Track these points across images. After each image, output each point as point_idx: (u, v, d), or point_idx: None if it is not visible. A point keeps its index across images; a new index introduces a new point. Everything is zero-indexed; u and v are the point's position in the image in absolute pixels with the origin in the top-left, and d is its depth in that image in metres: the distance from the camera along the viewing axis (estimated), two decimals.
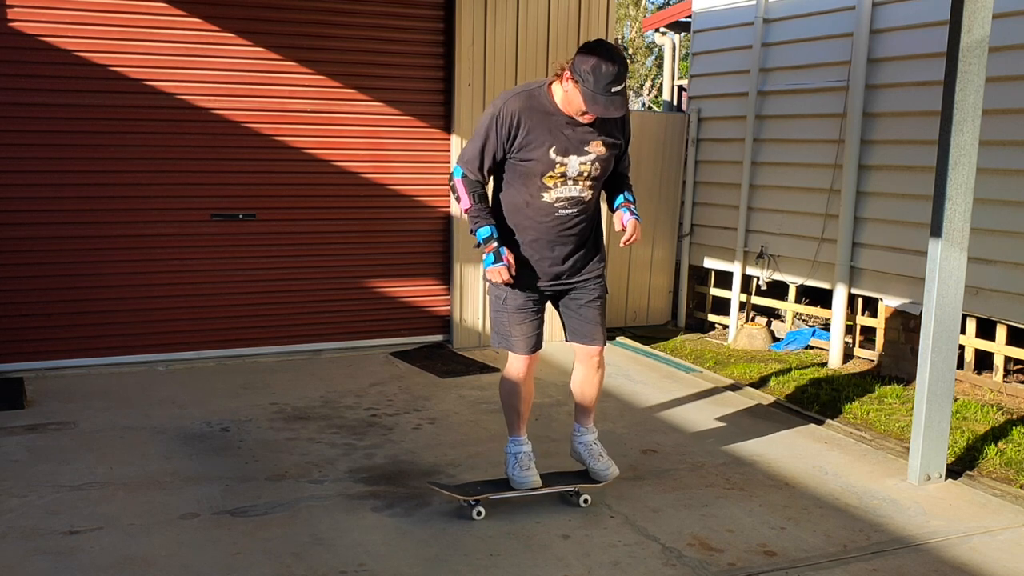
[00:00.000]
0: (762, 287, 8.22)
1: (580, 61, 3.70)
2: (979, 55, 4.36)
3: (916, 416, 4.64)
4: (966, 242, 4.50)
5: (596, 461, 4.27)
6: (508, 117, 3.85)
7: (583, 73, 3.67)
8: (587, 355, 4.25)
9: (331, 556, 3.69)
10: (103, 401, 5.62)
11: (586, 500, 4.24)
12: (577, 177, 3.94)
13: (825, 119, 7.44)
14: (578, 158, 3.91)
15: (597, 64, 3.64)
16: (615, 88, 3.68)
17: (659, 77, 22.97)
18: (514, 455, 4.18)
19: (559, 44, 7.25)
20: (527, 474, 4.14)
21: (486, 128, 3.91)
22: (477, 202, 3.96)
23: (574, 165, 3.91)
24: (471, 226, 3.99)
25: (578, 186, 3.96)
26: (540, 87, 3.92)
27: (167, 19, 6.18)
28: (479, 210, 3.96)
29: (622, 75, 3.69)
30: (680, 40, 13.28)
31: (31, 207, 6.02)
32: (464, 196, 3.97)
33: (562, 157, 3.89)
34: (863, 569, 3.72)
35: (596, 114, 3.77)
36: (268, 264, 6.69)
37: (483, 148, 3.92)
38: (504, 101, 3.89)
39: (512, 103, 3.87)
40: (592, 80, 3.66)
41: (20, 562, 3.56)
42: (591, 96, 3.69)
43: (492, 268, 3.91)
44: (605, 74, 3.65)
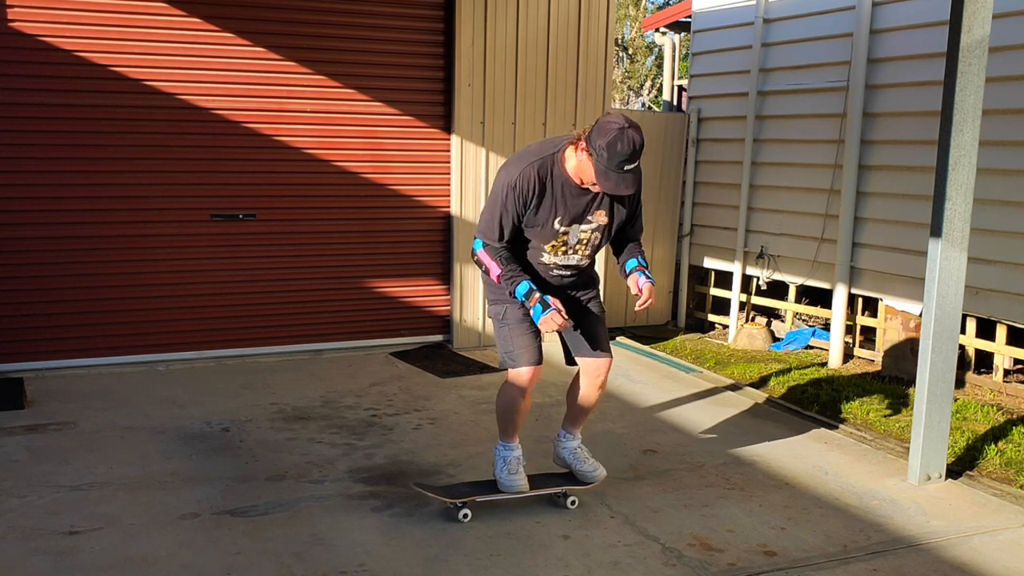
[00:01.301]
0: (762, 287, 8.22)
1: (597, 135, 3.62)
2: (979, 55, 4.36)
3: (916, 416, 4.64)
4: (966, 242, 4.50)
5: (583, 464, 4.27)
6: (524, 188, 3.78)
7: (598, 148, 3.60)
8: (593, 366, 4.17)
9: (331, 556, 3.69)
10: (103, 401, 5.62)
11: (573, 502, 4.23)
12: (576, 245, 3.95)
13: (825, 119, 7.44)
14: (580, 227, 3.91)
15: (613, 141, 3.56)
16: (628, 166, 3.61)
17: (659, 77, 22.97)
18: (503, 459, 4.16)
19: (559, 44, 7.25)
20: (515, 478, 4.13)
21: (503, 199, 3.81)
22: (505, 264, 3.85)
23: (575, 234, 3.92)
24: (507, 288, 3.87)
25: (577, 254, 3.98)
26: (554, 154, 3.83)
27: (166, 19, 6.18)
28: (510, 271, 3.85)
29: (637, 154, 3.62)
30: (680, 40, 13.28)
31: (31, 207, 6.02)
32: (491, 264, 3.87)
33: (565, 227, 3.88)
34: (863, 569, 3.72)
35: (607, 191, 3.71)
36: (268, 264, 6.69)
37: (501, 220, 3.83)
38: (520, 171, 3.79)
39: (528, 174, 3.78)
40: (606, 156, 3.58)
41: (20, 562, 3.56)
42: (603, 172, 3.62)
43: (544, 319, 3.77)
44: (620, 152, 3.57)
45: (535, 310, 3.78)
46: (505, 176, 3.83)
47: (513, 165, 3.85)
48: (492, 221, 3.85)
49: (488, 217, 3.88)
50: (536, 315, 3.79)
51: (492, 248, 3.88)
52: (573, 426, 4.33)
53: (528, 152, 3.89)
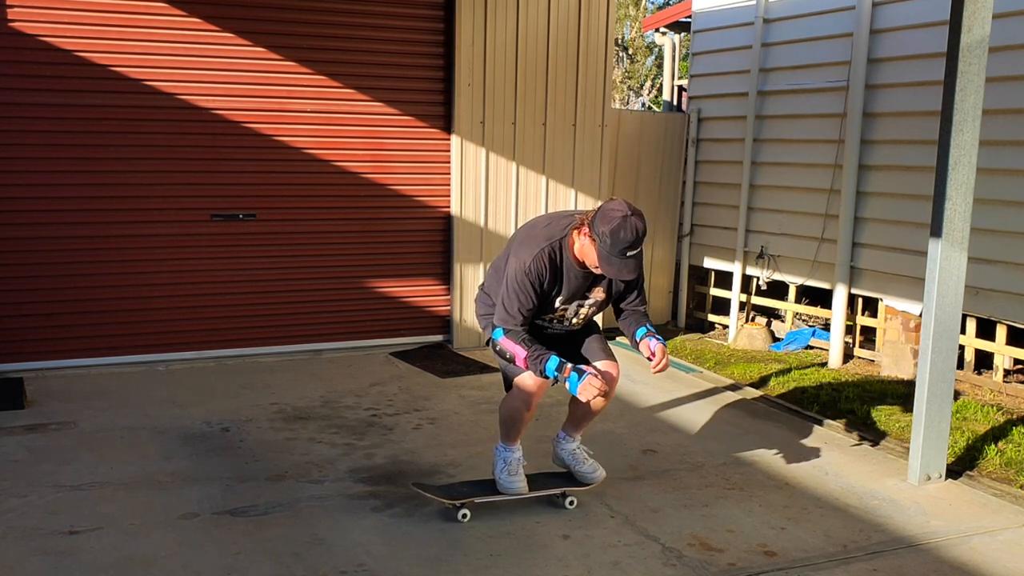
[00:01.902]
0: (762, 287, 8.22)
1: (600, 221, 3.68)
2: (979, 55, 4.36)
3: (916, 416, 4.64)
4: (966, 242, 4.50)
5: (582, 464, 4.29)
6: (541, 272, 3.84)
7: (601, 234, 3.66)
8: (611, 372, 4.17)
9: (331, 556, 3.69)
10: (103, 401, 5.62)
11: (572, 502, 4.23)
12: (574, 318, 4.08)
13: (825, 119, 7.44)
14: (579, 303, 4.03)
15: (616, 229, 3.63)
16: (631, 253, 3.67)
17: (659, 77, 22.97)
18: (504, 460, 4.16)
19: (559, 44, 7.25)
20: (515, 480, 4.14)
21: (521, 286, 3.84)
22: (529, 346, 3.85)
23: (572, 309, 4.05)
24: (535, 368, 3.84)
25: (571, 323, 4.11)
26: (562, 239, 3.88)
27: (167, 19, 6.18)
28: (536, 351, 3.84)
29: (639, 241, 3.68)
30: (680, 40, 13.28)
31: (31, 207, 6.02)
32: (516, 349, 3.86)
33: (565, 304, 4.00)
34: (863, 569, 3.72)
35: (608, 275, 3.79)
36: (268, 264, 6.69)
37: (520, 305, 3.87)
38: (533, 256, 3.83)
39: (541, 259, 3.83)
40: (609, 243, 3.65)
41: (20, 562, 3.56)
42: (606, 257, 3.69)
43: (583, 386, 3.76)
44: (623, 240, 3.63)
45: (571, 380, 3.78)
46: (518, 263, 3.86)
47: (525, 250, 3.88)
48: (512, 308, 3.88)
49: (507, 305, 3.89)
50: (573, 386, 3.78)
51: (513, 333, 3.89)
52: (574, 430, 4.34)
53: (536, 235, 3.93)
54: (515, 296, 3.87)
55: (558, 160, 7.40)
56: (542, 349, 3.85)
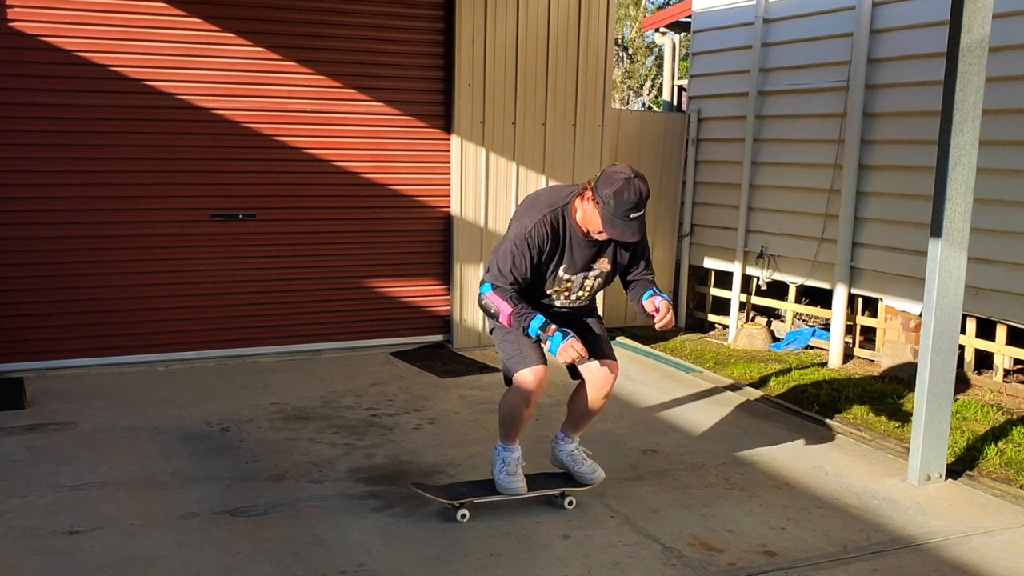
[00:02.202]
0: (762, 287, 8.22)
1: (603, 183, 3.71)
2: (979, 55, 4.36)
3: (916, 416, 4.64)
4: (966, 242, 4.50)
5: (581, 465, 4.28)
6: (540, 238, 3.84)
7: (604, 196, 3.68)
8: (600, 375, 4.15)
9: (331, 556, 3.69)
10: (103, 401, 5.62)
11: (571, 502, 4.22)
12: (579, 291, 4.06)
13: (825, 119, 7.44)
14: (584, 275, 4.01)
15: (620, 190, 3.65)
16: (634, 214, 3.69)
17: (659, 77, 22.96)
18: (503, 460, 4.15)
19: (559, 44, 7.25)
20: (514, 480, 4.13)
21: (518, 249, 3.85)
22: (516, 304, 3.86)
23: (578, 281, 4.03)
24: (519, 326, 3.85)
25: (578, 299, 4.10)
26: (566, 205, 3.89)
27: (167, 19, 6.18)
28: (522, 309, 3.85)
29: (643, 203, 3.70)
30: (680, 40, 13.28)
31: (31, 207, 6.02)
32: (502, 304, 3.86)
33: (570, 275, 3.98)
34: (863, 569, 3.72)
35: (613, 237, 3.78)
36: (268, 264, 6.69)
37: (514, 267, 3.87)
38: (534, 222, 3.84)
39: (542, 225, 3.84)
40: (613, 204, 3.67)
41: (20, 562, 3.56)
42: (610, 219, 3.70)
43: (563, 347, 3.80)
44: (626, 201, 3.66)
45: (553, 340, 3.81)
46: (519, 227, 3.88)
47: (527, 215, 3.90)
48: (504, 267, 3.87)
49: (501, 264, 3.89)
50: (555, 345, 3.80)
51: (501, 289, 3.88)
52: (573, 430, 4.34)
53: (539, 203, 3.95)
54: (510, 256, 3.86)
55: (558, 160, 7.40)
56: (528, 308, 3.86)
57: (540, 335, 3.83)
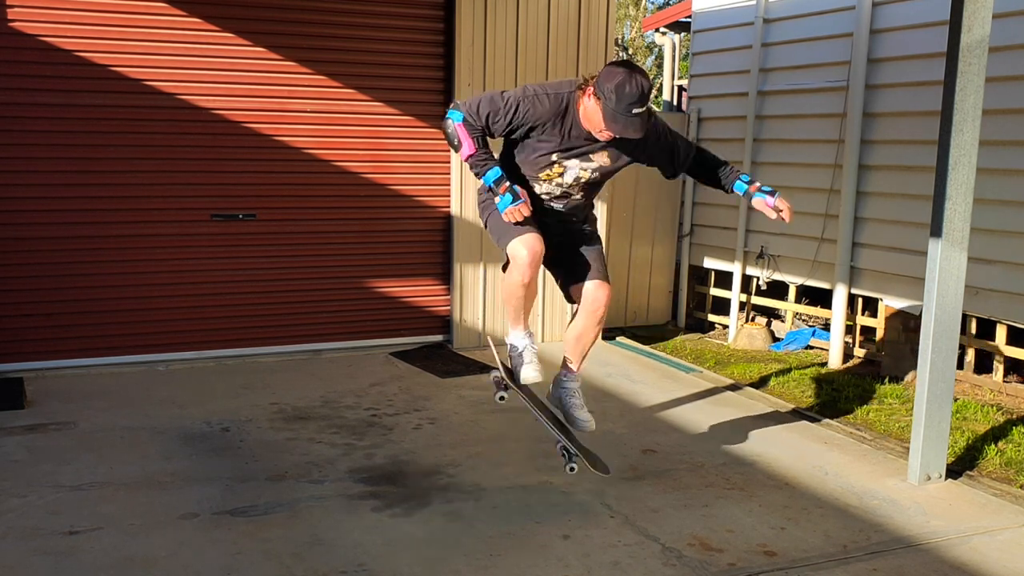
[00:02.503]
0: (762, 287, 8.21)
1: (604, 78, 3.62)
2: (979, 55, 4.36)
3: (916, 416, 4.64)
4: (966, 242, 4.50)
5: (578, 410, 4.13)
6: (531, 107, 3.72)
7: (606, 91, 3.58)
8: (591, 298, 4.03)
9: (331, 556, 3.69)
10: (103, 401, 5.62)
11: (572, 468, 4.03)
12: (572, 182, 3.91)
13: (825, 119, 7.44)
14: (580, 163, 3.87)
15: (621, 83, 3.56)
16: (636, 109, 3.59)
17: (659, 77, 22.95)
18: (517, 349, 4.05)
19: (559, 44, 7.25)
20: (528, 367, 4.01)
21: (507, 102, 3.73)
22: (481, 146, 3.74)
23: (573, 171, 3.88)
24: (476, 170, 3.76)
25: (571, 189, 3.94)
26: (571, 92, 3.78)
27: (167, 19, 6.18)
28: (484, 154, 3.75)
29: (645, 97, 3.59)
30: (680, 40, 13.28)
31: (31, 207, 6.02)
32: (466, 140, 3.72)
33: (564, 159, 3.84)
34: (863, 569, 3.72)
35: (614, 133, 3.68)
36: (268, 264, 6.68)
37: (490, 110, 3.73)
38: (534, 92, 3.75)
39: (540, 98, 3.74)
40: (614, 99, 3.57)
41: (20, 562, 3.56)
42: (611, 114, 3.61)
43: (511, 208, 3.69)
44: (628, 94, 3.56)
45: (503, 198, 3.70)
46: (521, 91, 3.77)
47: (531, 87, 3.81)
48: (483, 106, 3.73)
49: (482, 104, 3.74)
50: (503, 204, 3.71)
51: (470, 126, 3.73)
52: (572, 361, 4.18)
53: (547, 84, 3.86)
54: (494, 100, 3.73)
55: None
56: (490, 155, 3.75)
57: (492, 187, 3.72)
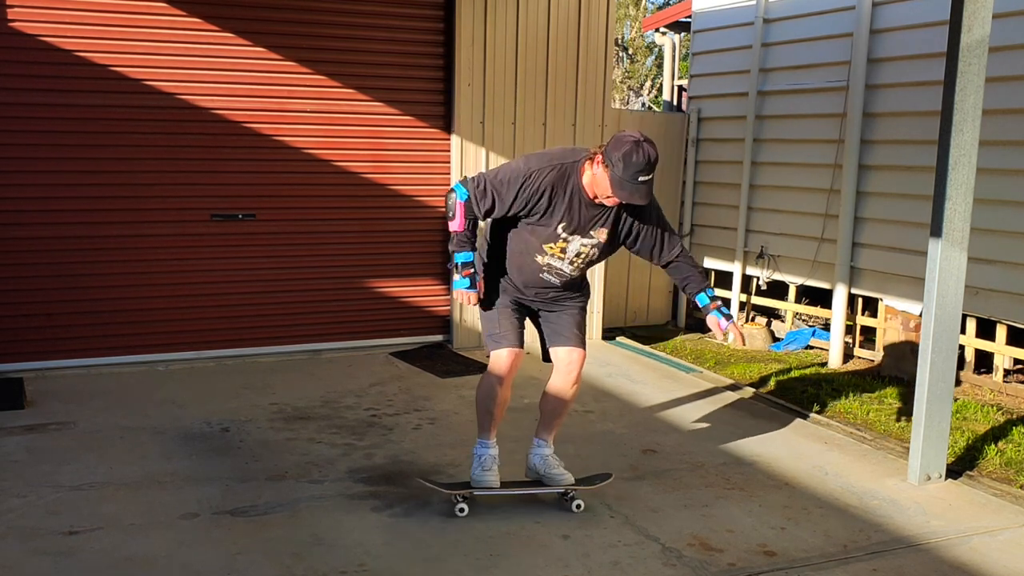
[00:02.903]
0: (762, 287, 8.22)
1: (613, 147, 3.76)
2: (979, 55, 4.36)
3: (916, 416, 4.64)
4: (966, 242, 4.50)
5: (552, 469, 4.23)
6: (537, 189, 3.88)
7: (614, 160, 3.72)
8: (564, 362, 4.18)
9: (331, 556, 3.69)
10: (103, 401, 5.62)
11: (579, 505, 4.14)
12: (574, 257, 4.05)
13: (825, 119, 7.44)
14: (581, 239, 4.01)
15: (629, 152, 3.71)
16: (643, 178, 3.75)
17: (659, 77, 22.96)
18: (478, 456, 4.16)
19: (559, 44, 7.25)
20: (487, 475, 4.13)
21: (511, 187, 3.89)
22: (469, 229, 3.99)
23: (575, 245, 4.02)
24: (453, 248, 4.02)
25: (571, 265, 4.07)
26: (575, 163, 3.92)
27: (167, 19, 6.18)
28: (468, 237, 4.00)
29: (652, 166, 3.76)
30: (680, 40, 13.28)
31: (31, 207, 6.02)
32: (460, 219, 3.97)
33: (568, 235, 3.98)
34: (863, 569, 3.72)
35: (621, 199, 3.82)
36: (268, 264, 6.69)
37: (496, 197, 3.92)
38: (539, 170, 3.90)
39: (547, 177, 3.89)
40: (622, 167, 3.71)
41: (20, 562, 3.56)
42: (618, 182, 3.74)
43: (463, 292, 4.01)
44: (635, 163, 3.71)
45: (462, 281, 4.00)
46: (525, 165, 3.93)
47: (535, 160, 3.96)
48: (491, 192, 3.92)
49: (489, 185, 3.93)
50: (458, 284, 4.01)
51: (470, 210, 3.95)
52: (547, 431, 4.29)
53: (552, 154, 4.01)
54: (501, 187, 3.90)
55: None
56: (471, 240, 4.00)
57: (457, 266, 4.00)
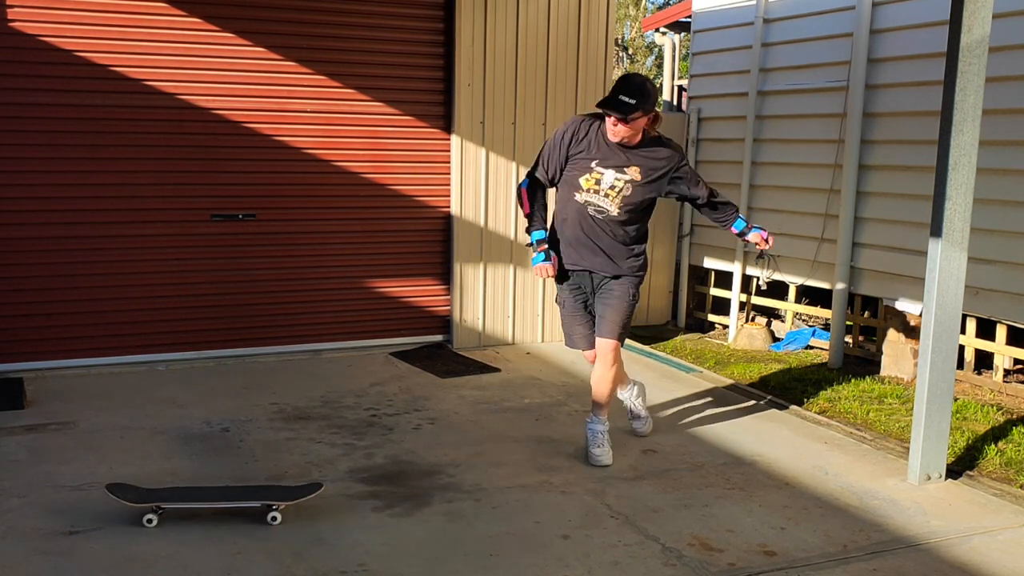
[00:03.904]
0: (762, 287, 8.18)
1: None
2: (979, 55, 4.36)
3: (916, 416, 4.64)
4: (966, 242, 4.50)
5: (592, 447, 4.77)
6: (571, 132, 4.56)
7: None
8: (600, 353, 4.74)
9: (331, 556, 3.69)
10: (103, 401, 5.62)
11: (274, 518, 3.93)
12: (609, 190, 4.54)
13: (825, 119, 7.44)
14: (615, 174, 4.52)
15: (618, 79, 4.39)
16: (623, 96, 4.29)
17: (659, 77, 22.96)
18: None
19: (559, 44, 7.25)
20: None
21: (552, 141, 4.62)
22: (536, 209, 4.63)
23: (608, 178, 4.52)
24: (528, 227, 4.67)
25: (608, 199, 4.55)
26: (601, 115, 4.51)
27: (167, 19, 6.18)
28: (534, 215, 4.63)
29: (631, 88, 4.30)
30: (680, 40, 13.29)
31: (31, 207, 6.02)
32: (525, 202, 4.65)
33: (600, 168, 4.52)
34: (863, 569, 3.72)
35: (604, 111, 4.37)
36: (268, 264, 6.68)
37: (548, 155, 4.62)
38: (572, 121, 4.62)
39: (579, 121, 4.61)
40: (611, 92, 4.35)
41: (20, 562, 3.56)
42: (606, 101, 4.35)
43: (540, 265, 4.62)
44: (618, 85, 4.33)
45: (538, 256, 4.62)
46: (561, 127, 4.63)
47: (568, 120, 4.67)
48: (542, 157, 4.65)
49: (540, 154, 4.67)
50: (536, 260, 4.63)
51: (532, 185, 4.65)
52: (595, 408, 4.85)
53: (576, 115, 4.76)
54: (547, 149, 4.63)
55: None
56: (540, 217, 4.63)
57: (533, 244, 4.62)
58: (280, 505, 3.95)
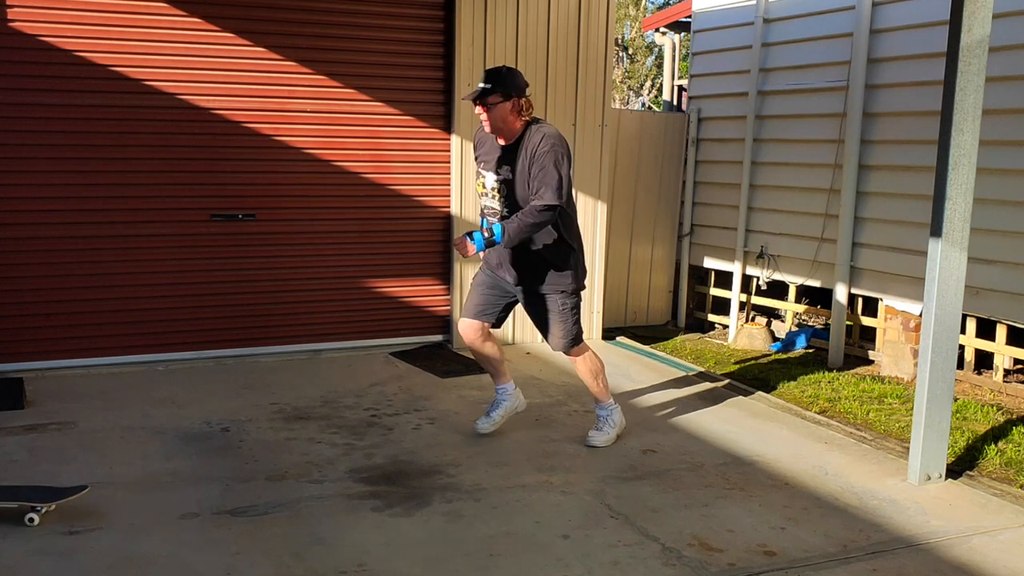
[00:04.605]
0: (762, 287, 8.22)
1: None
2: (979, 55, 4.36)
3: (916, 416, 4.64)
4: (966, 242, 4.50)
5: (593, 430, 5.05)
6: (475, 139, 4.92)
7: None
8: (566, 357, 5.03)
9: (331, 556, 3.69)
10: (103, 401, 5.62)
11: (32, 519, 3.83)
12: (492, 191, 4.74)
13: (825, 119, 7.44)
14: (492, 175, 4.73)
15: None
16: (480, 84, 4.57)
17: (659, 77, 22.97)
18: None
19: (559, 44, 7.25)
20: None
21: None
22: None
23: (491, 180, 4.74)
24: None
25: (495, 200, 4.74)
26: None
27: (167, 19, 6.18)
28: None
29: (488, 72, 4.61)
30: (680, 40, 13.29)
31: (31, 207, 6.02)
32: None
33: (484, 170, 4.79)
34: (863, 569, 3.72)
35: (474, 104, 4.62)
36: (268, 264, 6.68)
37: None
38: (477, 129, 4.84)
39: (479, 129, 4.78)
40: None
41: (20, 562, 3.56)
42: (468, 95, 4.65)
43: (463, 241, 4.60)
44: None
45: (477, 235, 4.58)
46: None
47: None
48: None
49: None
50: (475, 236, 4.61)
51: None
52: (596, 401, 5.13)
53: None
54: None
55: None
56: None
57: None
58: (42, 507, 3.82)
